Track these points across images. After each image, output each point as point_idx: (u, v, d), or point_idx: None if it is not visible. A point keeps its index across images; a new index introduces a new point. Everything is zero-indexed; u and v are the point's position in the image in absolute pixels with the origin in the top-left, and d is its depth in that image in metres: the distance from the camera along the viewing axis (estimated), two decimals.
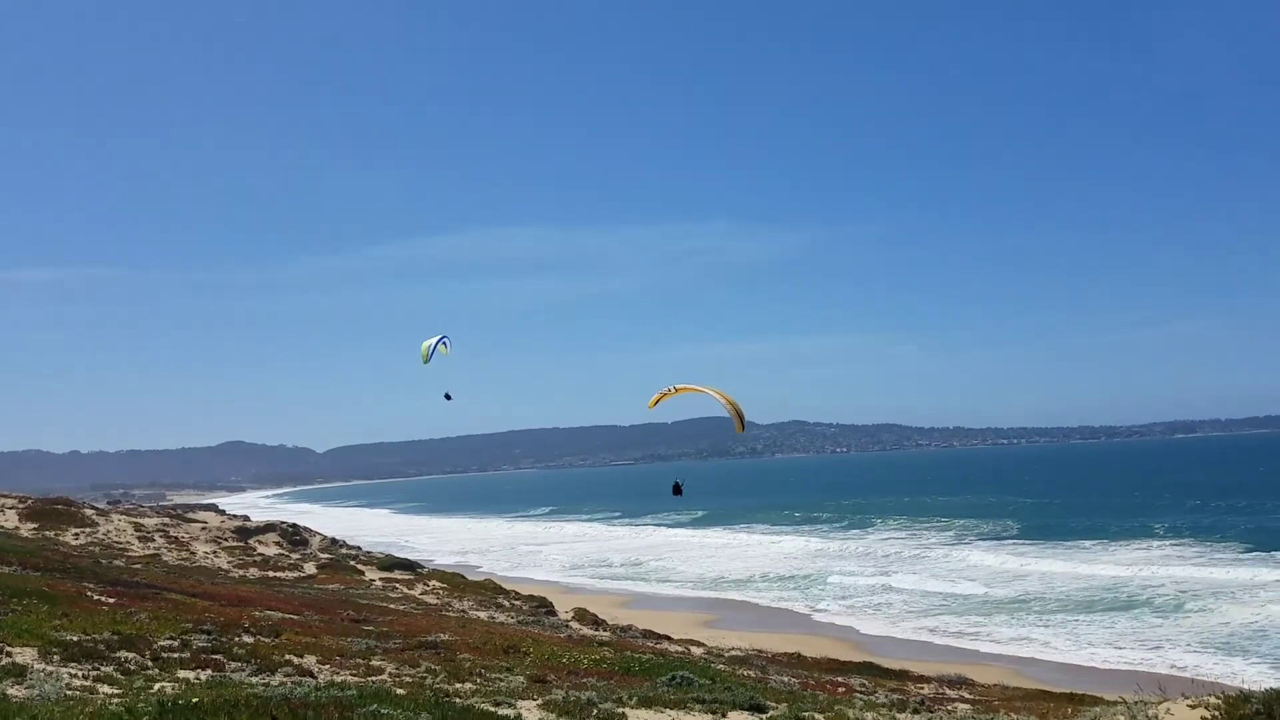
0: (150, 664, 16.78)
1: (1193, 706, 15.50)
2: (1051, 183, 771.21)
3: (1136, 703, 15.84)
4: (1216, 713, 15.12)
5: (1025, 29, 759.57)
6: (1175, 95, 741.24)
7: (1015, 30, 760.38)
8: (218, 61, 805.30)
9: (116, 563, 42.73)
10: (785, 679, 26.15)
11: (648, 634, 38.77)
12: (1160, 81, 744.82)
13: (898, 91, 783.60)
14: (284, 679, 16.27)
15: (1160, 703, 15.83)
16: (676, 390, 21.57)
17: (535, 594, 48.61)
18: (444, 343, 29.99)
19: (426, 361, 29.44)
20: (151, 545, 53.68)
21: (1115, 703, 16.73)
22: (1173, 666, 36.64)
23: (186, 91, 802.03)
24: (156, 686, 14.40)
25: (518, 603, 44.47)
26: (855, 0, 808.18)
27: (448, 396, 32.24)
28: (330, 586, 44.71)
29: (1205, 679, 32.59)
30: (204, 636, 20.37)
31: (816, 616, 52.38)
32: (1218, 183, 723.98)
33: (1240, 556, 65.88)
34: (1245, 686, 18.23)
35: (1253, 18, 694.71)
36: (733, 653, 34.00)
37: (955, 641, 44.52)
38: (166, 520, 66.27)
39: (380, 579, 49.51)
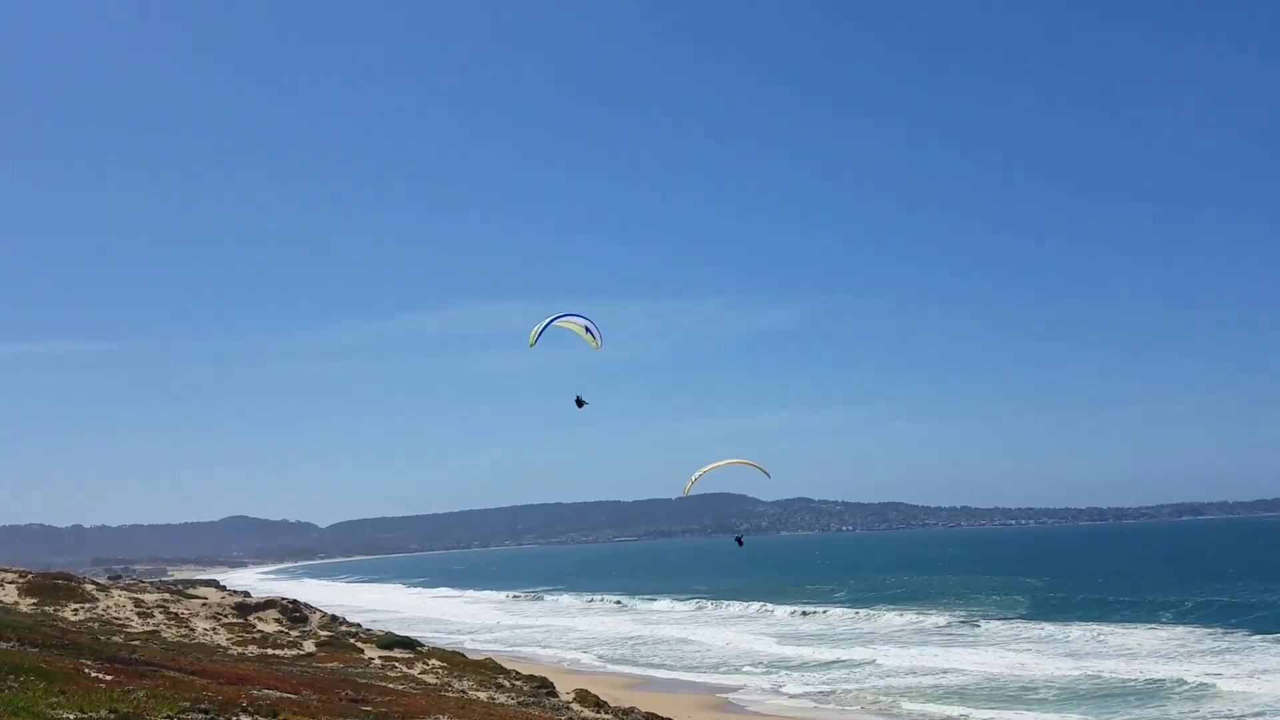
0: None
1: None
2: (1054, 257, 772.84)
3: None
4: None
5: (1036, 103, 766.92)
6: (1179, 171, 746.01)
7: (1026, 102, 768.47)
8: (233, 123, 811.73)
9: (115, 639, 42.35)
10: None
11: (650, 717, 38.20)
12: (1163, 156, 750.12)
13: (899, 166, 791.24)
14: None
15: None
16: (702, 473, 23.22)
17: (536, 674, 47.95)
18: (591, 332, 26.16)
19: (533, 345, 25.64)
20: (151, 621, 53.23)
21: None
22: None
23: (193, 159, 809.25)
24: None
25: (518, 683, 43.85)
26: (861, 68, 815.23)
27: (580, 402, 27.97)
28: (329, 665, 44.18)
29: None
30: (201, 715, 20.18)
31: (823, 701, 51.51)
32: (1226, 256, 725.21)
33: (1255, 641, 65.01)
34: None
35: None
36: None
37: None
38: (166, 596, 65.73)
39: (379, 657, 48.92)
